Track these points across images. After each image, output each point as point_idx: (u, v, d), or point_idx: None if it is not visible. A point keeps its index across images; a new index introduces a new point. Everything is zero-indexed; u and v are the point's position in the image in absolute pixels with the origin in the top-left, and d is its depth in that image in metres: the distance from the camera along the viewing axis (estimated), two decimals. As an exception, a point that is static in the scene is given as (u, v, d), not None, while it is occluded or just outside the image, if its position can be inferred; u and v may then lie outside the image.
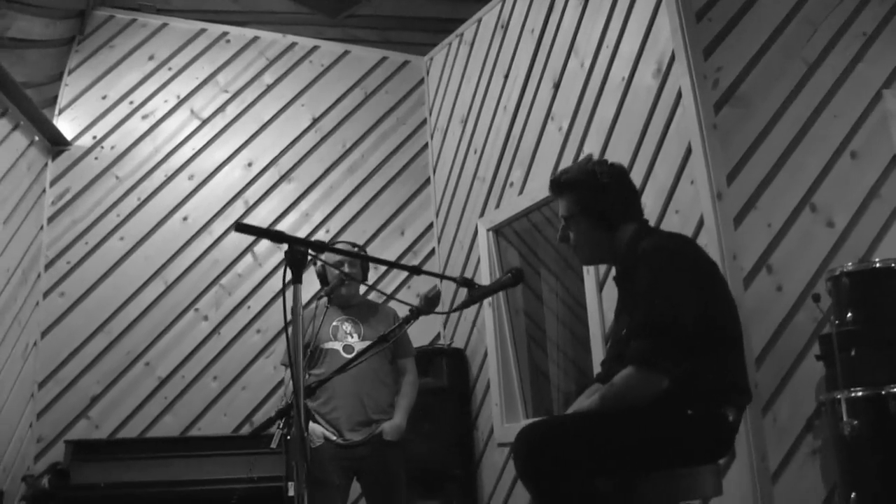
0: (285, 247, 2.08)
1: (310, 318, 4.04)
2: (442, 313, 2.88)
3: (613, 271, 2.76)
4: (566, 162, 4.49)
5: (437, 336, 5.52)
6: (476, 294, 2.52)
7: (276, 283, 5.35)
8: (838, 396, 3.14)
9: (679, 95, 3.82)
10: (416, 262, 5.63)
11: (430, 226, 5.75)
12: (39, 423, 4.85)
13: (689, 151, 3.74)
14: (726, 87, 3.79)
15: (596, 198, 2.55)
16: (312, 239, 4.38)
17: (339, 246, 4.19)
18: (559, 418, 2.55)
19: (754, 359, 3.45)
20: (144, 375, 5.05)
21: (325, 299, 4.04)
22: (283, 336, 4.20)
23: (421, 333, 5.15)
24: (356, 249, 4.20)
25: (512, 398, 4.90)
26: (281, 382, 4.59)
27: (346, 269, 4.07)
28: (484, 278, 5.09)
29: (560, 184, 2.64)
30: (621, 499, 2.31)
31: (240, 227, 2.04)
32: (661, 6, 3.99)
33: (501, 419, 4.83)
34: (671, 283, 2.33)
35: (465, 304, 2.55)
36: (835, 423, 3.19)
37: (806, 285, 3.59)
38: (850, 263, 3.33)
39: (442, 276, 2.53)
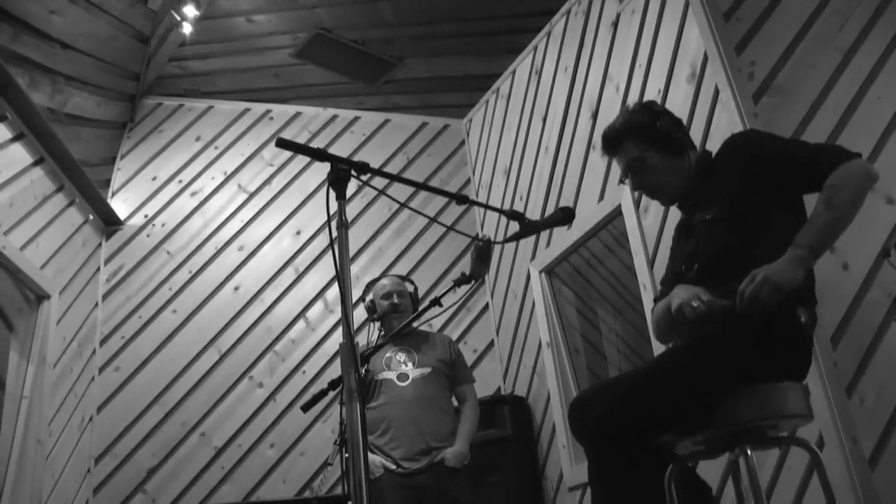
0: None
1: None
2: (496, 243, 2.74)
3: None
4: (612, 186, 4.45)
5: (498, 389, 5.36)
6: (527, 227, 2.41)
7: (330, 346, 5.28)
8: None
9: (717, 92, 3.81)
10: (470, 319, 5.56)
11: (482, 281, 5.68)
12: (96, 499, 4.75)
13: (732, 144, 3.68)
14: (762, 78, 3.76)
15: (658, 127, 2.51)
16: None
17: (385, 281, 4.16)
18: (615, 381, 2.44)
19: (829, 339, 3.27)
20: (200, 446, 4.96)
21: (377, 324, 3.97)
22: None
23: (481, 385, 4.99)
24: (403, 282, 4.16)
25: (579, 439, 4.67)
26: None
27: (395, 300, 4.02)
28: (541, 324, 4.97)
29: (616, 132, 2.59)
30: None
31: (280, 141, 2.02)
32: (688, 13, 4.03)
33: (571, 461, 4.59)
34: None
35: (517, 237, 2.43)
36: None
37: (874, 261, 3.43)
38: (917, 219, 3.19)
39: (488, 207, 2.44)
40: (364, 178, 2.15)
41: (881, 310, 3.37)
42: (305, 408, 2.61)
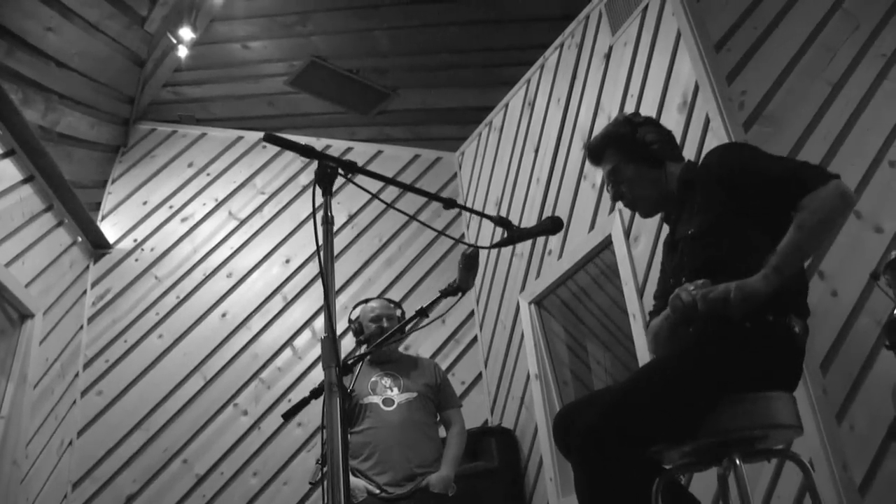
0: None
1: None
2: (484, 248, 2.75)
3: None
4: (602, 216, 4.45)
5: (486, 421, 5.30)
6: (515, 234, 2.40)
7: (316, 375, 5.22)
8: (918, 382, 2.91)
9: (707, 121, 3.83)
10: (458, 351, 5.52)
11: (472, 313, 5.65)
12: (72, 526, 4.65)
13: (723, 172, 3.70)
14: (753, 108, 3.79)
15: (635, 138, 2.52)
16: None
17: (374, 303, 4.13)
18: (601, 392, 2.41)
19: (818, 365, 3.25)
20: (182, 473, 4.87)
21: (363, 348, 3.93)
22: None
23: (469, 417, 4.94)
24: (392, 306, 4.14)
25: (566, 472, 4.60)
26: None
27: (384, 323, 3.98)
28: (529, 356, 4.93)
29: (597, 144, 2.62)
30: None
31: (268, 136, 2.01)
32: (679, 44, 4.08)
33: (558, 494, 4.52)
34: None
35: (505, 243, 2.42)
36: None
37: (863, 289, 3.43)
38: (905, 244, 3.19)
39: (479, 213, 2.43)
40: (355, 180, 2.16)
41: (871, 336, 3.35)
42: (287, 416, 2.56)
